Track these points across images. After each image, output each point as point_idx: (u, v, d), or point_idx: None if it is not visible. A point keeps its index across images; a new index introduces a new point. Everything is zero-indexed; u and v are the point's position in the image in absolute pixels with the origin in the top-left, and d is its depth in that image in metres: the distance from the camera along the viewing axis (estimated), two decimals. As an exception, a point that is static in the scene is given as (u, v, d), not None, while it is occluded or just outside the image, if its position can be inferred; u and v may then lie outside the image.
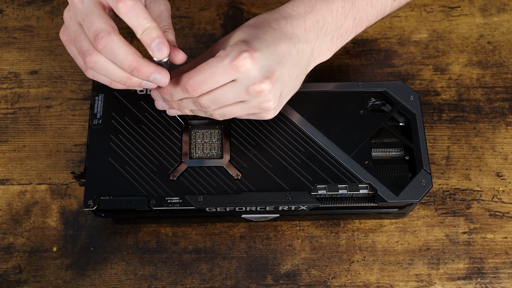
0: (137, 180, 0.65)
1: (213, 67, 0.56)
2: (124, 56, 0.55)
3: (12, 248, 0.69)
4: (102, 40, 0.54)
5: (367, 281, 0.68)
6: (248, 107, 0.60)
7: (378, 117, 0.68)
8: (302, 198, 0.64)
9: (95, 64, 0.56)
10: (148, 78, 0.57)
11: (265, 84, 0.57)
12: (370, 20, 0.65)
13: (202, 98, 0.59)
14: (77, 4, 0.55)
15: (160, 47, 0.55)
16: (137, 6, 0.53)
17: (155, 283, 0.68)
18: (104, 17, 0.55)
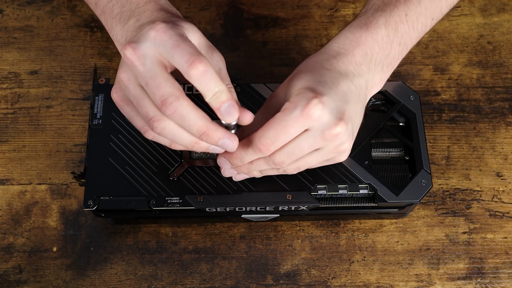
0: (137, 180, 0.65)
1: (284, 121, 0.54)
2: (194, 121, 0.53)
3: (12, 248, 0.69)
4: (171, 106, 0.51)
5: (367, 281, 0.68)
6: (323, 153, 0.58)
7: (378, 117, 0.68)
8: (302, 198, 0.64)
9: (163, 130, 0.54)
10: (216, 143, 0.55)
11: (340, 126, 0.55)
12: (413, 42, 0.65)
13: (276, 154, 0.57)
14: (138, 66, 0.52)
15: (230, 111, 0.53)
16: (208, 71, 0.51)
17: (155, 283, 0.68)
18: (170, 80, 0.52)
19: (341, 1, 0.84)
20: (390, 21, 0.61)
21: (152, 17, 0.58)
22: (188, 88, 0.69)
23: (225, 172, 0.62)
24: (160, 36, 0.52)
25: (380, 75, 0.62)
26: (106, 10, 0.61)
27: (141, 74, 0.52)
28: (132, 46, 0.52)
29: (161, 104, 0.52)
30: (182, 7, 0.83)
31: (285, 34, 0.81)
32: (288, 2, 0.84)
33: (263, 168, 0.60)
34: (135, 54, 0.52)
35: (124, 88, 0.55)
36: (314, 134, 0.56)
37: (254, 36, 0.81)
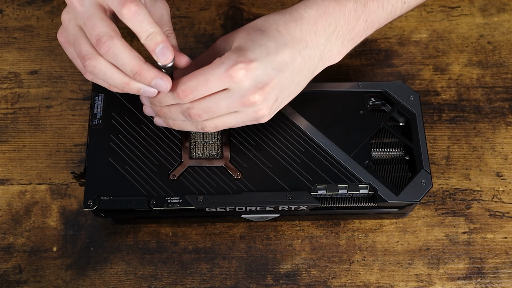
0: (137, 180, 0.65)
1: (207, 74, 0.56)
2: (126, 60, 0.54)
3: (12, 248, 0.69)
4: (104, 44, 0.53)
5: (367, 281, 0.68)
6: (241, 116, 0.59)
7: (378, 117, 0.68)
8: (302, 198, 0.64)
9: (94, 68, 0.56)
10: (149, 83, 0.56)
11: (257, 95, 0.57)
12: (381, 22, 0.65)
13: (193, 106, 0.58)
14: (77, 7, 0.55)
15: (165, 52, 0.55)
16: (141, 11, 0.53)
17: (155, 283, 0.68)
18: (106, 21, 0.54)
19: None
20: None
21: None
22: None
23: (145, 110, 0.64)
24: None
25: (339, 48, 0.62)
26: None
27: (80, 14, 0.55)
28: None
29: (96, 42, 0.54)
30: (182, 7, 0.83)
31: (285, 34, 0.81)
32: (288, 2, 0.84)
33: (179, 118, 0.60)
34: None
35: (66, 28, 0.57)
36: (233, 95, 0.57)
37: (254, 36, 0.81)
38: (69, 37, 0.58)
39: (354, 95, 0.69)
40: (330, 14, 0.60)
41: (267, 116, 0.60)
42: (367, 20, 0.63)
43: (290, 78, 0.59)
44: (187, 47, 0.80)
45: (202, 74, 0.56)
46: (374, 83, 0.70)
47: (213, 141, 0.67)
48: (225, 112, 0.58)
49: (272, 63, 0.57)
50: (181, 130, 0.64)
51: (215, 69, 0.56)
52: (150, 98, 0.60)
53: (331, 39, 0.61)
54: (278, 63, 0.57)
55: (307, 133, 0.67)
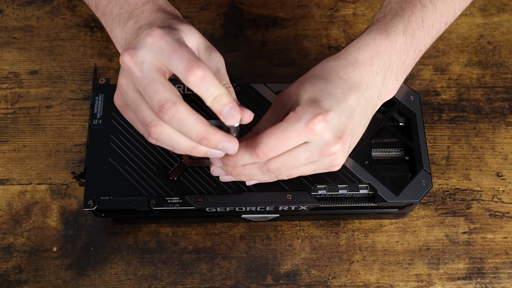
0: (137, 180, 0.65)
1: (286, 131, 0.54)
2: (192, 126, 0.52)
3: (12, 248, 0.69)
4: (168, 111, 0.51)
5: (367, 281, 0.68)
6: (317, 165, 0.58)
7: (378, 117, 0.68)
8: (302, 198, 0.64)
9: (160, 135, 0.54)
10: (216, 147, 0.54)
11: (338, 145, 0.56)
12: (427, 47, 0.65)
13: (272, 161, 0.57)
14: (135, 72, 0.52)
15: (232, 113, 0.53)
16: (207, 76, 0.51)
17: (155, 283, 0.68)
18: (167, 85, 0.52)
19: (341, 1, 0.84)
20: (408, 28, 0.61)
21: (150, 18, 0.57)
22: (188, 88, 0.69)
23: (214, 171, 0.61)
24: (157, 42, 0.52)
25: (393, 84, 0.62)
26: (106, 11, 0.61)
27: (139, 80, 0.52)
28: (130, 53, 0.52)
29: (158, 109, 0.51)
30: (182, 7, 0.83)
31: (285, 34, 0.81)
32: (288, 2, 0.84)
33: (255, 173, 0.59)
34: (132, 61, 0.52)
35: (123, 93, 0.55)
36: (313, 148, 0.56)
37: (254, 36, 0.81)
38: (128, 102, 0.55)
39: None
40: (383, 52, 0.60)
41: (340, 165, 0.59)
42: (416, 50, 0.62)
43: (358, 122, 0.58)
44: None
45: (280, 131, 0.54)
46: (374, 83, 0.70)
47: (213, 141, 0.67)
48: (304, 163, 0.57)
49: (344, 110, 0.56)
50: None
51: (294, 125, 0.54)
52: (223, 159, 0.58)
53: (387, 76, 0.60)
54: (349, 109, 0.57)
55: (307, 133, 0.67)
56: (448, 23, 0.65)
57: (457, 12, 0.66)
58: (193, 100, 0.68)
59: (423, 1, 0.62)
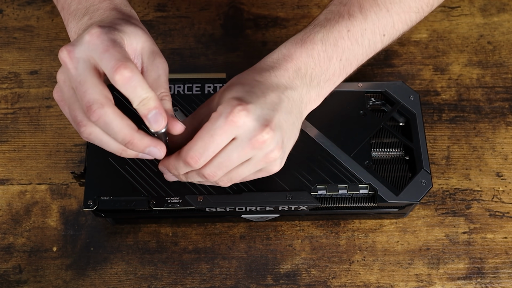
0: (137, 180, 0.65)
1: (210, 130, 0.54)
2: (118, 129, 0.53)
3: (12, 248, 0.69)
4: (95, 113, 0.51)
5: (367, 281, 0.68)
6: (254, 163, 0.58)
7: (378, 117, 0.68)
8: (302, 198, 0.64)
9: (89, 135, 0.54)
10: (143, 151, 0.55)
11: (265, 132, 0.55)
12: (360, 58, 0.63)
13: (206, 167, 0.57)
14: (70, 69, 0.53)
15: (157, 118, 0.52)
16: (134, 77, 0.50)
17: (155, 283, 0.68)
18: (98, 86, 0.52)
19: (341, 1, 0.84)
20: (328, 36, 0.61)
21: (103, 16, 0.58)
22: (187, 88, 0.69)
23: (168, 177, 0.62)
24: (93, 40, 0.52)
25: (316, 91, 0.62)
26: (65, 6, 0.62)
27: (73, 77, 0.53)
28: (68, 49, 0.53)
29: (86, 110, 0.52)
30: (182, 7, 0.83)
31: (285, 34, 0.81)
32: (288, 2, 0.84)
33: (197, 180, 0.60)
34: (69, 57, 0.53)
35: (61, 88, 0.55)
36: (241, 142, 0.55)
37: (254, 36, 0.81)
38: (64, 98, 0.56)
39: (354, 95, 0.69)
40: (297, 59, 0.60)
41: (279, 160, 0.59)
42: (341, 58, 0.62)
43: (285, 117, 0.58)
44: (187, 47, 0.80)
45: (205, 132, 0.55)
46: (374, 83, 0.70)
47: (213, 141, 0.67)
48: (238, 163, 0.57)
49: (265, 103, 0.56)
50: None
51: (216, 122, 0.54)
52: (167, 169, 0.59)
53: (305, 81, 0.60)
54: (270, 104, 0.57)
55: (307, 133, 0.67)
56: (387, 35, 0.64)
57: (397, 25, 0.64)
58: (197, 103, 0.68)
59: (352, 12, 0.62)
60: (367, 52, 0.63)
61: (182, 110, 0.68)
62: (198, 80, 0.69)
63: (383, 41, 0.64)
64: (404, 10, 0.64)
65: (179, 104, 0.68)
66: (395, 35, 0.65)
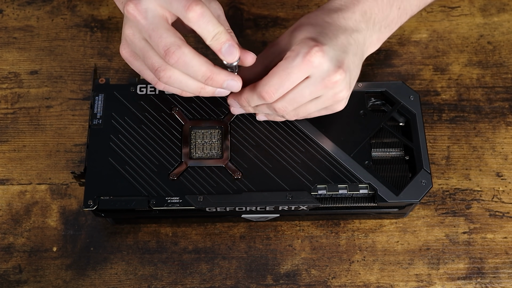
0: (137, 180, 0.65)
1: (287, 68, 0.57)
2: (197, 67, 0.55)
3: (12, 248, 0.69)
4: (174, 55, 0.54)
5: (367, 281, 0.68)
6: (322, 101, 0.61)
7: (378, 117, 0.68)
8: (302, 198, 0.64)
9: (169, 79, 0.56)
10: (221, 85, 0.57)
11: (338, 74, 0.58)
12: (414, 10, 0.68)
13: (278, 101, 0.60)
14: (140, 20, 0.55)
15: (231, 51, 0.55)
16: (206, 13, 0.53)
17: (155, 283, 0.68)
18: (171, 30, 0.55)
19: (341, 1, 0.84)
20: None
21: None
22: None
23: (234, 111, 0.65)
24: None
25: (377, 35, 0.65)
26: None
27: (144, 27, 0.55)
28: (134, 2, 0.55)
29: (164, 54, 0.54)
30: (182, 7, 0.83)
31: (285, 34, 0.81)
32: (288, 2, 0.84)
33: (267, 112, 0.64)
34: (137, 9, 0.55)
35: (130, 43, 0.57)
36: (315, 81, 0.58)
37: (254, 36, 0.81)
38: (136, 51, 0.58)
39: (354, 95, 0.69)
40: (363, 2, 0.63)
41: (345, 99, 0.62)
42: (400, 7, 0.65)
43: (352, 59, 0.61)
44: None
45: (281, 69, 0.57)
46: (374, 83, 0.70)
47: (213, 141, 0.67)
48: (308, 99, 0.60)
49: (337, 45, 0.59)
50: None
51: (293, 61, 0.57)
52: (239, 101, 0.62)
53: (369, 25, 0.63)
54: (341, 46, 0.59)
55: (307, 133, 0.67)
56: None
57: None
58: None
59: None
60: (419, 4, 0.68)
61: (182, 110, 0.68)
62: (198, 80, 0.70)
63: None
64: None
65: (179, 104, 0.68)
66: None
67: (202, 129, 0.68)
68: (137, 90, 0.69)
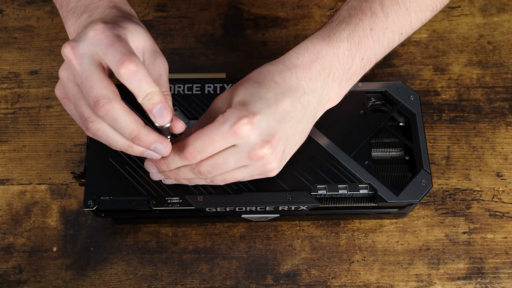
0: (137, 180, 0.65)
1: (212, 134, 0.55)
2: (125, 124, 0.53)
3: (12, 248, 0.69)
4: (102, 108, 0.51)
5: (367, 281, 0.68)
6: (249, 170, 0.58)
7: (378, 117, 0.68)
8: (302, 198, 0.64)
9: (97, 131, 0.54)
10: (149, 147, 0.55)
11: (265, 148, 0.55)
12: (378, 57, 0.63)
13: (202, 164, 0.57)
14: (75, 65, 0.52)
15: (162, 113, 0.53)
16: (139, 71, 0.51)
17: (155, 283, 0.68)
18: (105, 81, 0.52)
19: (341, 1, 0.84)
20: (354, 35, 0.60)
21: (103, 14, 0.58)
22: (187, 88, 0.69)
23: (153, 176, 0.62)
24: (97, 36, 0.52)
25: (337, 91, 0.61)
26: (64, 3, 0.62)
27: (78, 73, 0.53)
28: (71, 45, 0.53)
29: (93, 105, 0.52)
30: (182, 7, 0.83)
31: (285, 34, 0.81)
32: (288, 2, 0.84)
33: (189, 177, 0.60)
34: (73, 53, 0.52)
35: (64, 85, 0.55)
36: (240, 151, 0.56)
37: (254, 36, 0.81)
38: (68, 95, 0.56)
39: (354, 95, 0.69)
40: (323, 58, 0.59)
41: (276, 169, 0.59)
42: (363, 57, 0.61)
43: (293, 127, 0.58)
44: (187, 47, 0.80)
45: (206, 134, 0.55)
46: (374, 83, 0.70)
47: (213, 141, 0.67)
48: (234, 167, 0.57)
49: (274, 114, 0.56)
50: None
51: (219, 128, 0.54)
52: (156, 164, 0.60)
53: (327, 82, 0.60)
54: (280, 113, 0.56)
55: (307, 133, 0.67)
56: (404, 34, 0.64)
57: (414, 23, 0.64)
58: (195, 102, 0.68)
59: (374, 10, 0.61)
60: (385, 50, 0.63)
61: (182, 110, 0.68)
62: (198, 80, 0.70)
63: (400, 39, 0.64)
64: (421, 9, 0.64)
65: (179, 104, 0.68)
66: (410, 33, 0.65)
67: (202, 129, 0.68)
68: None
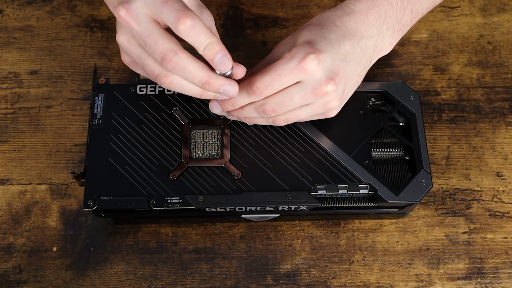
0: (137, 180, 0.65)
1: (280, 69, 0.57)
2: (194, 72, 0.55)
3: (12, 248, 0.69)
4: (171, 61, 0.53)
5: (367, 281, 0.68)
6: (312, 108, 0.61)
7: (378, 117, 0.68)
8: (302, 198, 0.64)
9: (171, 84, 0.56)
10: (218, 90, 0.57)
11: (330, 85, 0.58)
12: (424, 12, 0.68)
13: (267, 102, 0.59)
14: (134, 26, 0.54)
15: (224, 61, 0.55)
16: (197, 24, 0.52)
17: (155, 283, 0.68)
18: (166, 36, 0.54)
19: (341, 1, 0.84)
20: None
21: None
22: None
23: (212, 108, 0.64)
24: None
25: (390, 39, 0.65)
26: None
27: (138, 33, 0.54)
28: (125, 7, 0.54)
29: (161, 60, 0.54)
30: (182, 7, 0.83)
31: (285, 34, 0.81)
32: (288, 2, 0.84)
33: (253, 116, 0.62)
34: (129, 15, 0.54)
35: (126, 50, 0.57)
36: (305, 87, 0.58)
37: (254, 36, 0.81)
38: (133, 58, 0.57)
39: (354, 95, 0.69)
40: (379, 6, 0.62)
41: (337, 108, 0.62)
42: (413, 10, 0.65)
43: (353, 68, 0.60)
44: (187, 47, 0.80)
45: (274, 70, 0.57)
46: (374, 83, 0.70)
47: (213, 141, 0.67)
48: (298, 105, 0.60)
49: (337, 53, 0.59)
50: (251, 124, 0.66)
51: (287, 63, 0.57)
52: (222, 103, 0.61)
53: (382, 29, 0.63)
54: (342, 54, 0.59)
55: (307, 133, 0.67)
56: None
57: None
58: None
59: None
60: (430, 6, 0.68)
61: (182, 110, 0.68)
62: (198, 80, 0.70)
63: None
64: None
65: (179, 104, 0.69)
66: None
67: (202, 129, 0.68)
68: (137, 90, 0.69)
